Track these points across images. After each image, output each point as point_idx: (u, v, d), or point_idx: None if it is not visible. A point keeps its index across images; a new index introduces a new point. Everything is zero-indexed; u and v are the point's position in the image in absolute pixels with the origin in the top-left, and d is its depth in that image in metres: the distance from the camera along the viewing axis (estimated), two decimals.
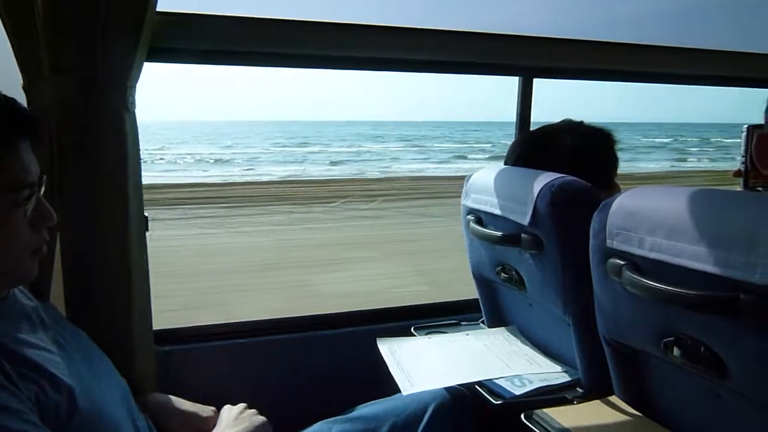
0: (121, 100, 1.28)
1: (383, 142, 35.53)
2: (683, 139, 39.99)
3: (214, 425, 1.26)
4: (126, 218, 1.32)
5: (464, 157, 27.25)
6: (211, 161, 24.75)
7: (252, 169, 21.87)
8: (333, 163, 24.57)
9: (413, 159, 26.73)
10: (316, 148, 31.46)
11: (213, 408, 1.31)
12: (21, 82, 1.23)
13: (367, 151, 30.33)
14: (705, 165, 24.12)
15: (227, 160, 24.83)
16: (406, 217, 10.55)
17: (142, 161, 1.39)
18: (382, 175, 19.89)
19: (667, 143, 35.57)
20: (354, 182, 16.55)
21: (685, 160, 26.11)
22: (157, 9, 1.29)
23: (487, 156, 27.70)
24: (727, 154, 30.55)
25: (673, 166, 22.81)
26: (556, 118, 1.53)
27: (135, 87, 1.32)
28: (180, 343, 1.63)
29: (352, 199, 12.46)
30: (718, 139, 39.62)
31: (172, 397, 1.33)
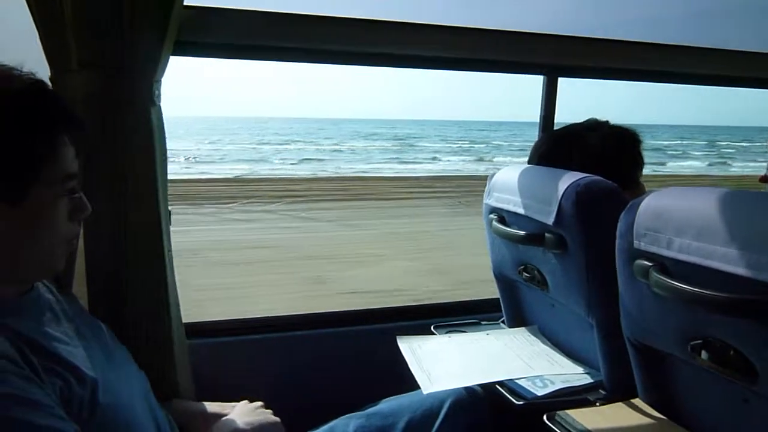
0: (148, 93, 1.29)
1: (375, 140, 35.59)
2: (688, 142, 39.44)
3: None
4: (155, 211, 1.33)
5: (437, 159, 27.25)
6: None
7: (188, 168, 21.31)
8: (297, 162, 24.50)
9: (387, 158, 26.78)
10: (297, 146, 31.48)
11: (235, 405, 1.31)
12: (48, 74, 1.24)
13: (348, 150, 30.38)
14: (686, 170, 23.45)
15: (177, 160, 24.18)
16: (293, 221, 10.15)
17: None
18: (333, 175, 19.69)
19: (667, 146, 35.00)
20: (281, 182, 16.00)
21: (664, 165, 25.62)
22: (185, 3, 1.30)
23: (472, 158, 27.86)
24: (720, 158, 30.37)
25: (654, 171, 22.31)
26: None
27: (161, 80, 1.32)
28: (201, 337, 1.64)
29: (258, 200, 12.10)
30: (727, 143, 39.10)
31: (195, 403, 1.34)
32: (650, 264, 0.94)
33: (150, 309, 1.36)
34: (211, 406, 1.31)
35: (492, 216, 1.49)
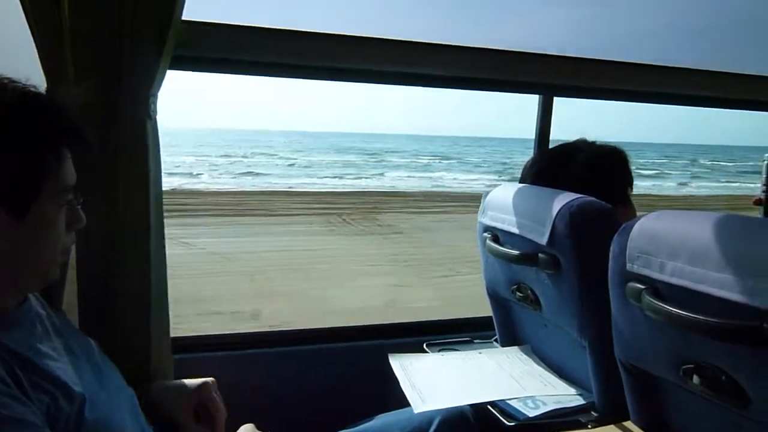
0: (143, 107, 1.28)
1: (345, 155, 35.32)
2: (668, 161, 39.11)
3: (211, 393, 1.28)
4: (146, 224, 1.32)
5: (383, 175, 26.78)
6: None
7: None
8: (235, 176, 23.96)
9: (334, 174, 26.45)
10: (254, 159, 30.89)
11: (211, 378, 1.31)
12: (45, 86, 1.24)
13: (303, 164, 29.95)
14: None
15: None
16: None
17: None
18: (250, 189, 19.20)
19: (644, 164, 34.18)
20: (182, 195, 15.33)
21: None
22: (182, 17, 1.30)
23: (422, 174, 27.55)
24: (693, 177, 30.33)
25: None
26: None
27: (157, 95, 1.32)
28: (191, 352, 1.63)
29: None
30: (711, 162, 38.97)
31: (172, 382, 1.33)
32: (643, 287, 0.94)
33: (136, 323, 1.35)
34: (189, 383, 1.30)
35: (486, 234, 1.49)
